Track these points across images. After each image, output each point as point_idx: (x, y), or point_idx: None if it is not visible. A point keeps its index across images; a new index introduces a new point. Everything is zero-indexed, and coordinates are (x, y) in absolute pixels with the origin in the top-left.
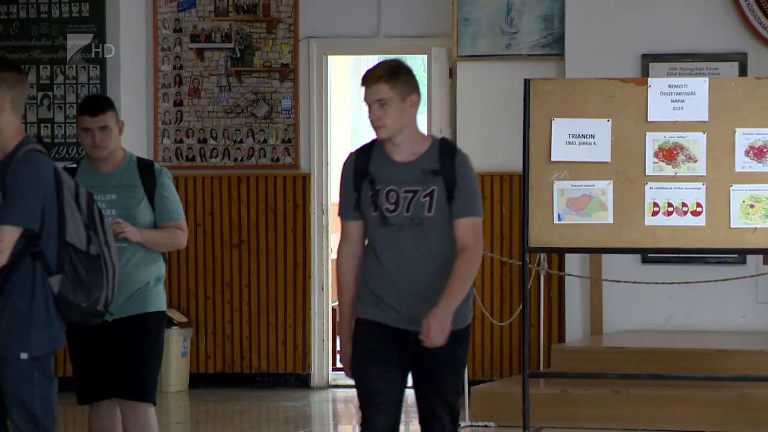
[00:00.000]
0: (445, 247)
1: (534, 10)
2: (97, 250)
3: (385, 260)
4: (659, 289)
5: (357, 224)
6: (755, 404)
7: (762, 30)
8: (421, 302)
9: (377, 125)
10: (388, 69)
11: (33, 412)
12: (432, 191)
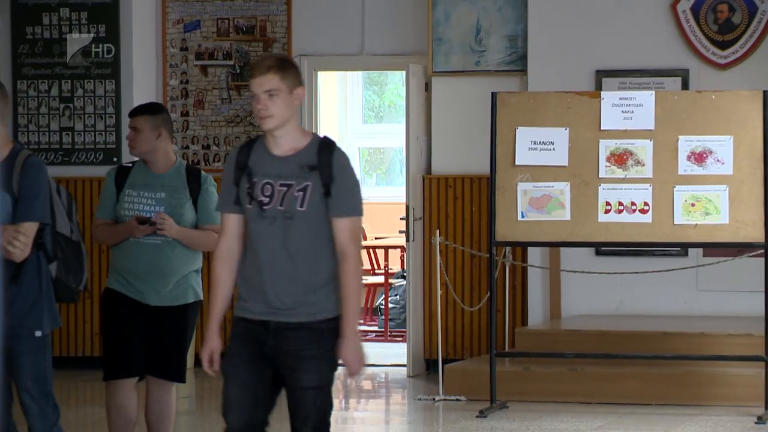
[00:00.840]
0: (316, 243)
1: (500, 31)
2: (77, 237)
3: (258, 252)
4: (611, 278)
5: (234, 218)
6: (695, 380)
7: (702, 49)
8: (285, 294)
9: (264, 115)
10: (277, 61)
11: (44, 382)
12: (306, 186)
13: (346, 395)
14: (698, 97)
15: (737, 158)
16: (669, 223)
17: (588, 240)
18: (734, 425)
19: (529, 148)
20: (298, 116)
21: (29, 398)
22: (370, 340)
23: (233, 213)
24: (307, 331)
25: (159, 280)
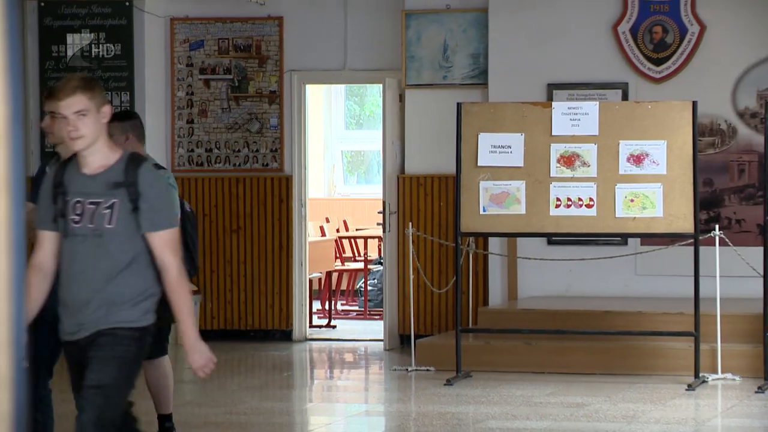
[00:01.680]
0: (126, 259)
1: (464, 50)
2: None
3: (70, 270)
4: (560, 264)
5: (50, 235)
6: (634, 353)
7: (639, 65)
8: (93, 311)
9: (75, 136)
10: (83, 81)
11: None
12: (113, 204)
13: (331, 366)
14: (636, 107)
15: (670, 160)
16: (611, 217)
17: (541, 231)
18: (668, 392)
19: (489, 151)
20: (106, 133)
21: None
22: (352, 318)
23: (48, 230)
24: (106, 337)
25: None
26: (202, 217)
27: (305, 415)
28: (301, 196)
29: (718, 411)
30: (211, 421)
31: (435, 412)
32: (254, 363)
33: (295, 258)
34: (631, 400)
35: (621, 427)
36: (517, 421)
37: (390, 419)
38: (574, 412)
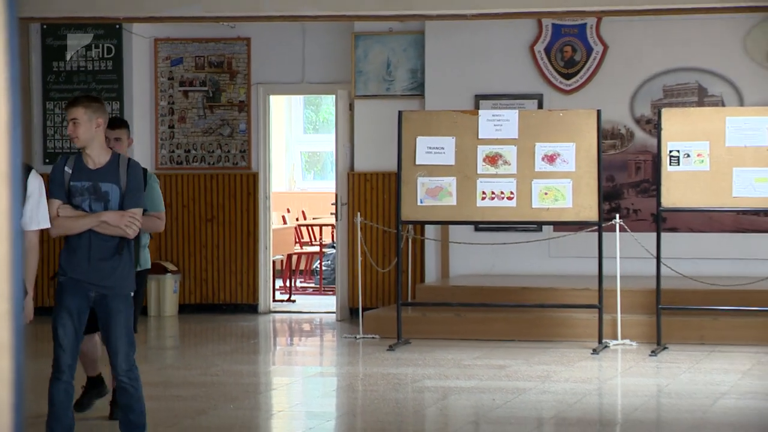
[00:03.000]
0: None
1: (405, 66)
2: None
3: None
4: (486, 248)
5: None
6: (547, 322)
7: (552, 79)
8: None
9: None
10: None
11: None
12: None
13: (291, 335)
14: (550, 114)
15: (578, 159)
16: (528, 207)
17: (469, 219)
18: (575, 355)
19: (425, 152)
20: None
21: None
22: (309, 294)
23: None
24: None
25: None
26: (181, 208)
27: (269, 376)
28: (265, 190)
29: (618, 371)
30: (188, 381)
31: (379, 373)
32: (225, 332)
33: (261, 242)
34: (545, 363)
35: (536, 385)
36: (448, 380)
37: (341, 379)
38: (497, 372)
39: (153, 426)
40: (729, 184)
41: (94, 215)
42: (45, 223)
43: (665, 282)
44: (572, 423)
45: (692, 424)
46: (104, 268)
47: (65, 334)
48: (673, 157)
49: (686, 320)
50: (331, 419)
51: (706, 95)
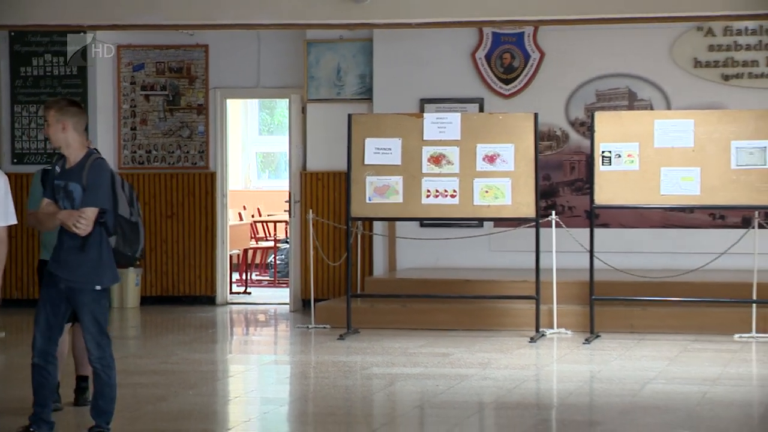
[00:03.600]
0: None
1: (354, 72)
2: (136, 219)
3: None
4: (430, 242)
5: None
6: (488, 313)
7: (492, 84)
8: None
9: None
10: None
11: (100, 322)
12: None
13: (247, 325)
14: (490, 117)
15: (517, 159)
16: (470, 204)
17: (415, 216)
18: (514, 343)
19: (373, 153)
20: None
21: (89, 335)
22: (264, 286)
23: None
24: None
25: None
26: (143, 206)
27: (226, 364)
28: (222, 188)
29: (554, 358)
30: (149, 369)
31: (330, 360)
32: (185, 323)
33: (218, 238)
34: (485, 351)
35: (478, 372)
36: (395, 368)
37: (294, 366)
38: (440, 360)
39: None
40: (657, 183)
41: (56, 213)
42: (12, 219)
43: (598, 274)
44: (511, 407)
45: (623, 408)
46: (70, 263)
47: (38, 320)
48: (605, 158)
49: (617, 310)
50: (284, 404)
51: (635, 99)
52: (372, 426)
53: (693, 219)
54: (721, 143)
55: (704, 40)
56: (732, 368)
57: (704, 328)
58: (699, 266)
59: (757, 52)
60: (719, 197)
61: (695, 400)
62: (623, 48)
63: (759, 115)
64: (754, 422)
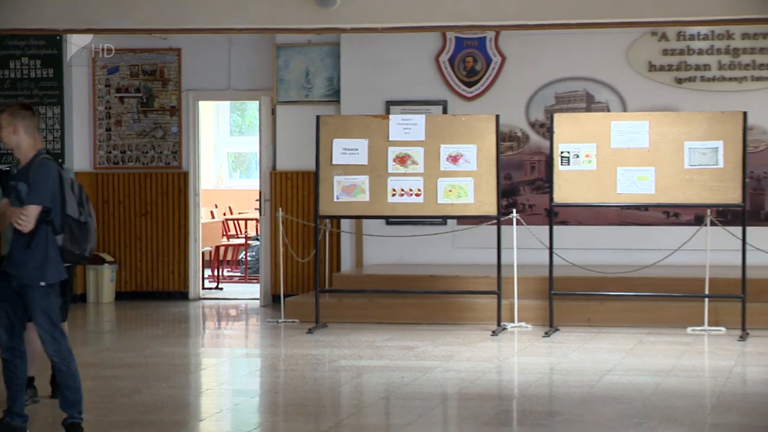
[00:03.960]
0: None
1: (322, 75)
2: (85, 218)
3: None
4: (396, 240)
5: None
6: (452, 307)
7: (456, 87)
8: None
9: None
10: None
11: (51, 316)
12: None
13: (219, 319)
14: (453, 119)
15: (479, 160)
16: (434, 203)
17: (381, 214)
18: (477, 337)
19: (341, 153)
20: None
21: (41, 329)
22: (235, 282)
23: None
24: None
25: None
26: (118, 204)
27: (199, 357)
28: (195, 187)
29: (515, 351)
30: (124, 362)
31: (299, 354)
32: (158, 317)
33: (191, 235)
34: (449, 344)
35: (441, 364)
36: (362, 360)
37: (264, 359)
38: (406, 353)
39: (92, 404)
40: (614, 182)
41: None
42: None
43: (557, 270)
44: (473, 398)
45: (581, 398)
46: (18, 260)
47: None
48: (564, 158)
49: (576, 305)
50: (255, 396)
51: (593, 102)
52: (339, 416)
53: (648, 217)
54: (674, 144)
55: (658, 44)
56: (685, 360)
57: (658, 321)
58: (654, 262)
59: (709, 56)
60: (673, 196)
61: (650, 391)
62: (581, 52)
63: (711, 117)
64: (706, 411)
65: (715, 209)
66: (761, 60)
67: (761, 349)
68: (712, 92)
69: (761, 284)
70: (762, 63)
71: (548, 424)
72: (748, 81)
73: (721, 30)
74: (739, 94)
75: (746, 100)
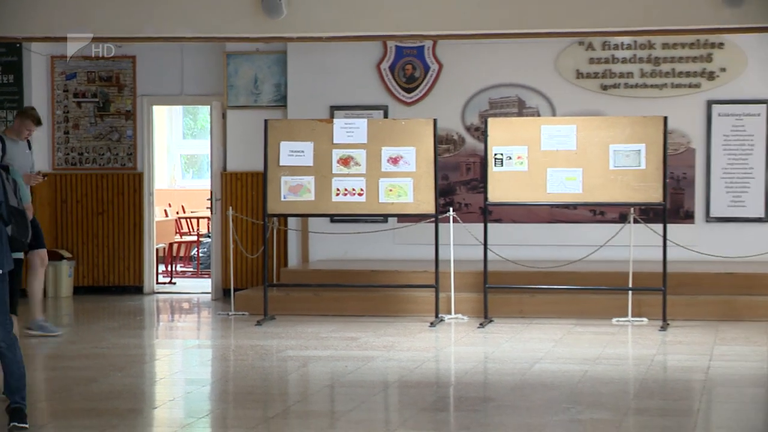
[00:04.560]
0: None
1: (270, 81)
2: (22, 207)
3: None
4: (340, 237)
5: None
6: (393, 300)
7: (396, 93)
8: None
9: None
10: None
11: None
12: None
13: (172, 312)
14: (394, 123)
15: (418, 161)
16: (376, 202)
17: (326, 212)
18: (416, 327)
19: (288, 155)
20: None
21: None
22: (188, 277)
23: None
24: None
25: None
26: (76, 203)
27: (153, 348)
28: (149, 187)
29: (452, 341)
30: (82, 354)
31: (248, 344)
32: (114, 310)
33: (146, 233)
34: (390, 335)
35: (383, 354)
36: (308, 350)
37: (216, 350)
38: (349, 343)
39: (50, 393)
40: (544, 182)
41: None
42: None
43: (491, 265)
44: (413, 385)
45: (513, 385)
46: None
47: None
48: (498, 159)
49: (509, 297)
50: (206, 385)
51: (524, 107)
52: (287, 403)
53: (576, 215)
54: (600, 146)
55: (585, 53)
56: (610, 349)
57: (586, 312)
58: (581, 257)
59: (632, 64)
60: (599, 195)
61: (578, 378)
62: (513, 61)
63: (634, 122)
64: (629, 397)
65: (638, 208)
66: (680, 68)
67: (680, 339)
68: (635, 98)
69: (681, 278)
70: (681, 71)
71: (483, 409)
72: (668, 88)
73: (643, 40)
74: (660, 100)
75: (666, 106)
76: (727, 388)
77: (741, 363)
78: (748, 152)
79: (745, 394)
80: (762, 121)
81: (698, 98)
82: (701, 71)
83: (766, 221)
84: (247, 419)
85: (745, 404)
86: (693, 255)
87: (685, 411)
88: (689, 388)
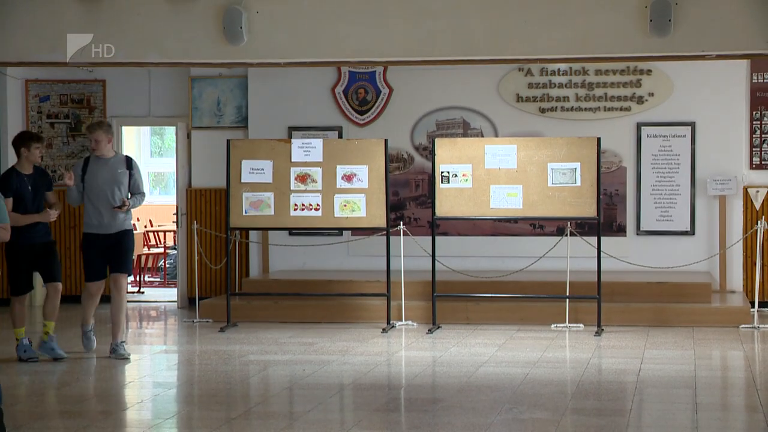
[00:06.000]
0: None
1: (232, 104)
2: None
3: None
4: (298, 249)
5: None
6: (348, 308)
7: (350, 114)
8: None
9: None
10: None
11: None
12: None
13: (140, 319)
14: (348, 142)
15: (370, 179)
16: (331, 216)
17: (284, 226)
18: (369, 334)
19: (249, 172)
20: None
21: None
22: (155, 286)
23: None
24: None
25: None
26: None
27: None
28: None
29: (402, 346)
30: (54, 359)
31: (212, 350)
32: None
33: None
34: (345, 340)
35: (338, 358)
36: (268, 355)
37: (182, 355)
38: (307, 348)
39: (24, 396)
40: (487, 198)
41: None
42: None
43: (439, 275)
44: (366, 387)
45: (459, 387)
46: None
47: None
48: (444, 177)
49: (455, 305)
50: (173, 388)
51: (469, 128)
52: (248, 405)
53: (517, 228)
54: (539, 165)
55: (525, 79)
56: (549, 353)
57: (527, 319)
58: (522, 268)
59: (568, 89)
60: (538, 210)
61: (519, 380)
62: (458, 85)
63: (570, 142)
64: (567, 398)
65: (574, 222)
66: (612, 93)
67: (614, 343)
68: (570, 120)
69: (614, 287)
70: (613, 95)
71: (431, 410)
72: (601, 111)
73: (578, 67)
74: (594, 122)
75: (600, 128)
76: (657, 389)
77: (670, 366)
78: (675, 170)
79: (673, 395)
80: (687, 142)
81: (629, 121)
82: (631, 96)
83: (692, 234)
84: (211, 420)
85: (673, 404)
86: (625, 266)
87: (618, 411)
88: (622, 389)
